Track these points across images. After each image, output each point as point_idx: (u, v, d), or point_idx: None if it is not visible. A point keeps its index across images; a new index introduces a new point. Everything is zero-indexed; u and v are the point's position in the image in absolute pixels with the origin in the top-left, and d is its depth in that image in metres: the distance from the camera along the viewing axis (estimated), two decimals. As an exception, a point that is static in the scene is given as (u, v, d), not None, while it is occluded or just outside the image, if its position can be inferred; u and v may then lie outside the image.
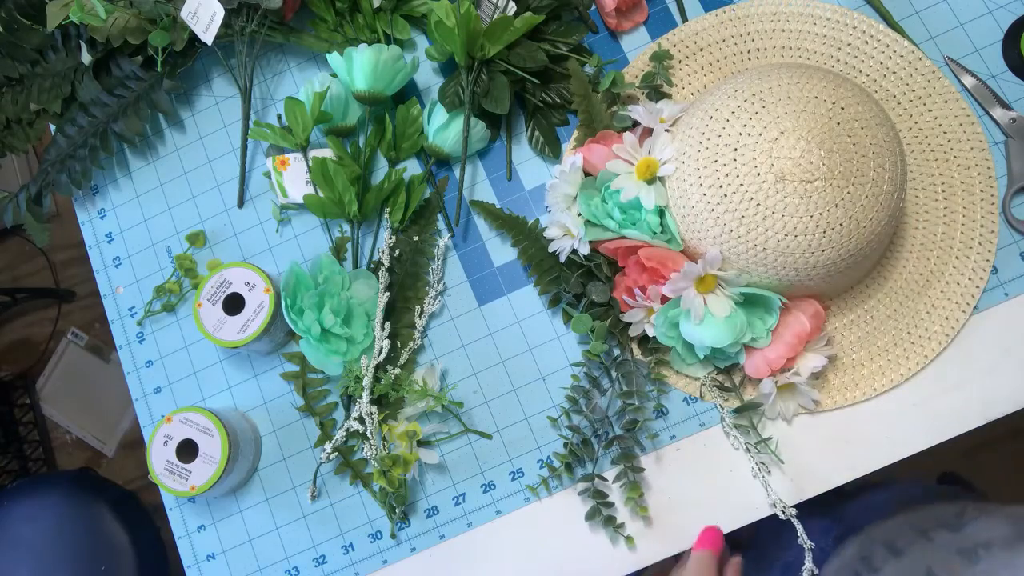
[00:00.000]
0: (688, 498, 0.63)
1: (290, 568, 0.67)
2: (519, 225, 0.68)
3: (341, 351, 0.64)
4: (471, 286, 0.69)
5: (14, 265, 1.69)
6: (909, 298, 0.62)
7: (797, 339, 0.59)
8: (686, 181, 0.57)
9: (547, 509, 0.65)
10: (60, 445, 1.60)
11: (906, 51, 0.66)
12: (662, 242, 0.60)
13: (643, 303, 0.60)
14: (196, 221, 0.74)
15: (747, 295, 0.58)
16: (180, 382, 0.71)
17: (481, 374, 0.67)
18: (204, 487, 0.63)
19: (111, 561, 0.92)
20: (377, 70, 0.66)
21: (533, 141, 0.70)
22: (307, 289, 0.64)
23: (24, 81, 0.75)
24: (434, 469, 0.66)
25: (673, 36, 0.69)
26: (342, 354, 0.64)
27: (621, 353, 0.64)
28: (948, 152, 0.64)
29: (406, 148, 0.71)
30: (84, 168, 0.73)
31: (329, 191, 0.67)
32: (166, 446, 0.64)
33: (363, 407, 0.63)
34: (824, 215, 0.53)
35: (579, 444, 0.63)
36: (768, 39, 0.67)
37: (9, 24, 0.74)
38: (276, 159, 0.70)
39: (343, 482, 0.67)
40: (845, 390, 0.62)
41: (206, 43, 0.68)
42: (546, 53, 0.67)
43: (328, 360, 0.64)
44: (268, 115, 0.75)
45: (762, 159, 0.54)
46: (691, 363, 0.62)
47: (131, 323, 0.73)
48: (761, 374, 0.60)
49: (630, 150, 0.61)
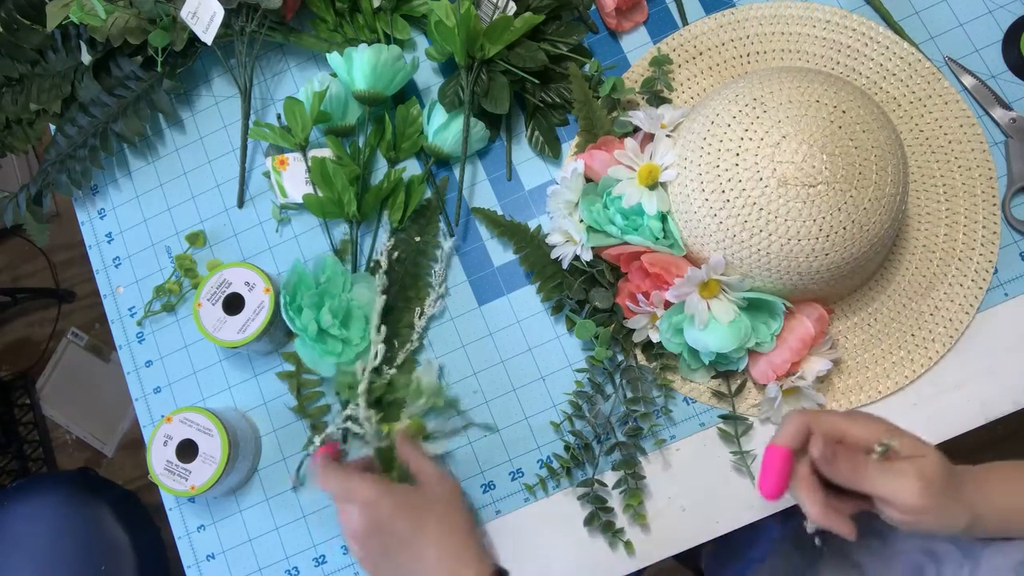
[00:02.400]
0: (688, 498, 0.63)
1: (290, 568, 0.67)
2: (521, 232, 0.67)
3: (336, 352, 0.64)
4: (471, 286, 0.69)
5: (14, 265, 1.69)
6: (913, 300, 0.62)
7: (801, 343, 0.59)
8: (688, 186, 0.57)
9: (547, 509, 0.65)
10: (60, 445, 1.60)
11: (906, 53, 0.65)
12: (665, 247, 0.60)
13: (647, 309, 0.60)
14: (196, 221, 0.74)
15: (751, 300, 0.58)
16: (180, 382, 0.71)
17: (481, 374, 0.67)
18: (204, 487, 0.63)
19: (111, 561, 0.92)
20: (377, 70, 0.66)
21: (533, 141, 0.70)
22: (307, 288, 0.64)
23: (24, 81, 0.75)
24: (434, 470, 0.66)
25: (673, 40, 0.69)
26: (337, 355, 0.64)
27: (625, 359, 0.64)
28: (949, 153, 0.64)
29: (406, 148, 0.71)
30: (84, 168, 0.73)
31: (328, 191, 0.67)
32: (166, 446, 0.64)
33: (361, 411, 0.63)
34: (827, 219, 0.53)
35: (580, 448, 0.63)
36: (768, 42, 0.67)
37: (9, 24, 0.74)
38: (275, 159, 0.70)
39: (343, 483, 0.67)
40: (850, 393, 0.62)
41: (206, 43, 0.68)
42: (546, 53, 0.66)
43: (322, 361, 0.64)
44: (268, 115, 0.74)
45: (764, 164, 0.53)
46: (696, 368, 0.62)
47: (131, 323, 0.73)
48: (766, 379, 0.60)
49: (631, 156, 0.61)
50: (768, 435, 0.63)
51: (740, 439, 0.62)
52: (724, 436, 0.63)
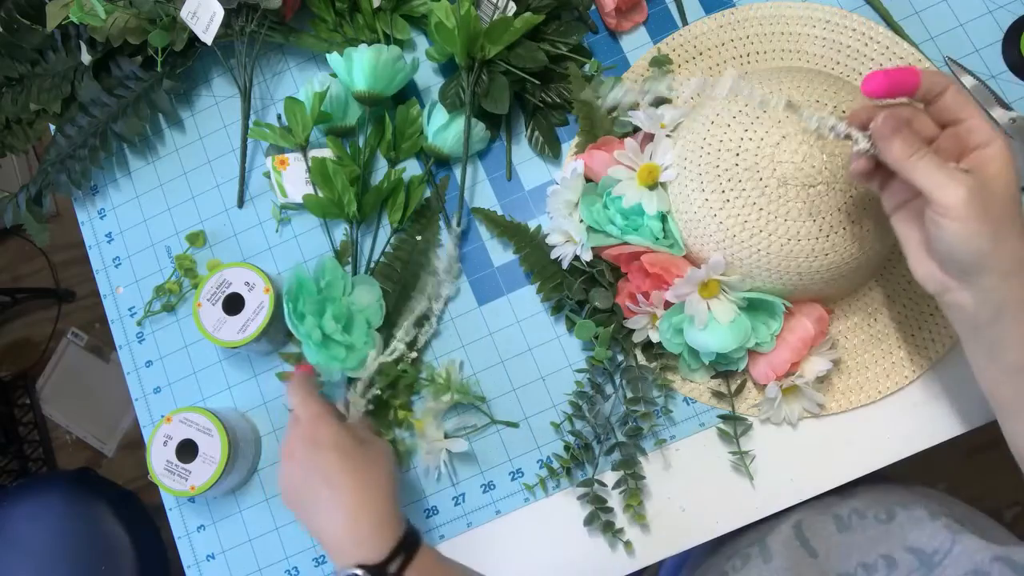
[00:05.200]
0: (688, 498, 0.63)
1: (290, 568, 0.67)
2: (521, 232, 0.67)
3: (340, 358, 0.63)
4: (471, 286, 0.69)
5: (14, 265, 1.69)
6: (913, 300, 0.62)
7: (801, 343, 0.59)
8: (688, 186, 0.57)
9: (547, 509, 0.65)
10: (60, 445, 1.60)
11: (905, 53, 0.65)
12: (665, 247, 0.60)
13: (647, 309, 0.60)
14: (196, 221, 0.74)
15: (751, 300, 0.58)
16: (180, 382, 0.71)
17: (481, 374, 0.67)
18: (204, 487, 0.63)
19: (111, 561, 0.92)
20: (377, 70, 0.66)
21: (533, 141, 0.70)
22: (309, 294, 0.64)
23: (24, 81, 0.75)
24: (426, 472, 0.66)
25: (672, 40, 0.69)
26: (340, 361, 0.63)
27: (625, 359, 0.64)
28: (949, 153, 0.64)
29: (406, 148, 0.71)
30: (84, 168, 0.73)
31: (328, 191, 0.67)
32: (166, 446, 0.64)
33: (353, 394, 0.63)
34: (827, 219, 0.53)
35: (580, 448, 0.63)
36: (768, 42, 0.67)
37: (9, 24, 0.74)
38: (276, 159, 0.70)
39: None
40: (850, 393, 0.62)
41: (206, 43, 0.68)
42: (546, 53, 0.66)
43: (328, 366, 0.64)
44: (268, 115, 0.74)
45: (764, 164, 0.53)
46: (696, 368, 0.62)
47: (131, 323, 0.73)
48: (766, 379, 0.60)
49: (631, 156, 0.61)
50: (768, 435, 0.63)
51: (740, 439, 0.62)
52: (724, 436, 0.63)
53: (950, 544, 0.51)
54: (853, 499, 0.60)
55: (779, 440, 0.63)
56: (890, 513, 0.57)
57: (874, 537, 0.56)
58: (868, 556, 0.54)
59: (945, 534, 0.52)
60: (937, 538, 0.52)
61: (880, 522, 0.56)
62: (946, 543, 0.51)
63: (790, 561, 0.57)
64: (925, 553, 0.52)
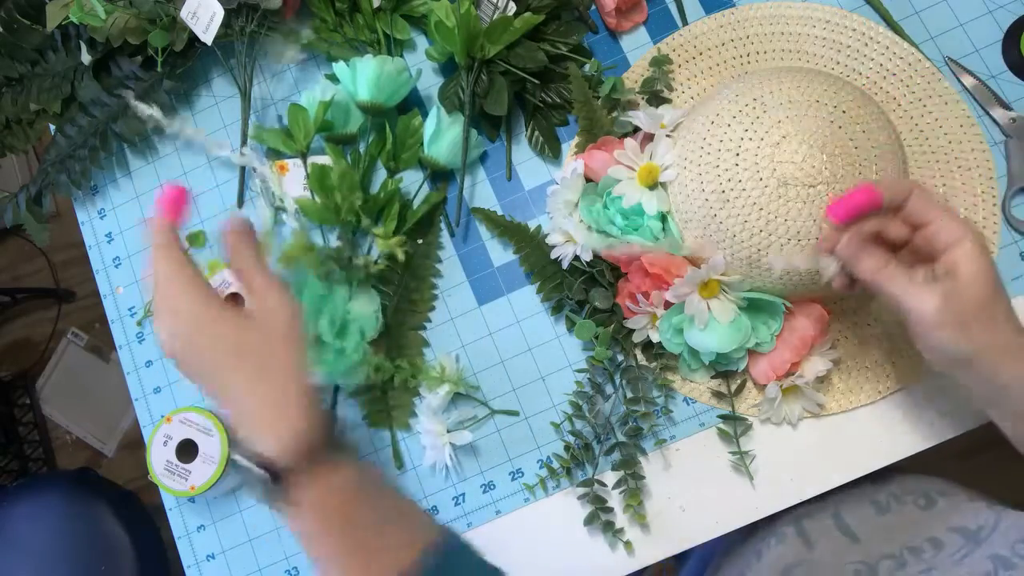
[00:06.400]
0: (688, 498, 0.63)
1: (290, 568, 0.67)
2: (521, 232, 0.67)
3: (328, 361, 0.63)
4: (471, 286, 0.69)
5: (14, 265, 1.69)
6: (912, 300, 0.62)
7: (801, 343, 0.59)
8: (688, 186, 0.57)
9: (547, 509, 0.65)
10: (60, 445, 1.60)
11: (905, 52, 0.65)
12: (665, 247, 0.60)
13: (647, 309, 0.60)
14: (196, 221, 0.74)
15: (751, 300, 0.58)
16: (180, 382, 0.71)
17: (481, 374, 0.67)
18: (204, 487, 0.63)
19: (111, 561, 0.92)
20: (380, 81, 0.66)
21: (533, 141, 0.70)
22: (313, 291, 0.64)
23: (24, 81, 0.75)
24: (433, 468, 0.66)
25: (672, 40, 0.69)
26: (329, 364, 0.63)
27: (625, 359, 0.64)
28: (949, 153, 0.64)
29: (405, 159, 0.70)
30: (84, 168, 0.73)
31: (326, 198, 0.67)
32: (166, 446, 0.64)
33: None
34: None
35: (580, 448, 0.63)
36: (768, 42, 0.67)
37: (9, 24, 0.74)
38: (275, 164, 0.70)
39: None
40: (850, 393, 0.62)
41: (206, 43, 0.68)
42: (546, 53, 0.66)
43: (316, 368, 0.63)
44: (268, 115, 0.74)
45: (764, 164, 0.54)
46: (696, 368, 0.62)
47: (131, 323, 0.73)
48: (766, 379, 0.60)
49: (631, 156, 0.61)
50: (768, 435, 0.63)
51: (740, 439, 0.62)
52: (724, 436, 0.63)
53: (995, 519, 0.52)
54: (890, 484, 0.61)
55: (779, 440, 0.63)
56: (929, 499, 0.58)
57: (917, 521, 0.57)
58: (914, 540, 0.55)
59: (988, 512, 0.53)
60: (980, 516, 0.53)
61: (920, 508, 0.58)
62: (991, 519, 0.52)
63: (832, 547, 0.57)
64: (970, 530, 0.53)
